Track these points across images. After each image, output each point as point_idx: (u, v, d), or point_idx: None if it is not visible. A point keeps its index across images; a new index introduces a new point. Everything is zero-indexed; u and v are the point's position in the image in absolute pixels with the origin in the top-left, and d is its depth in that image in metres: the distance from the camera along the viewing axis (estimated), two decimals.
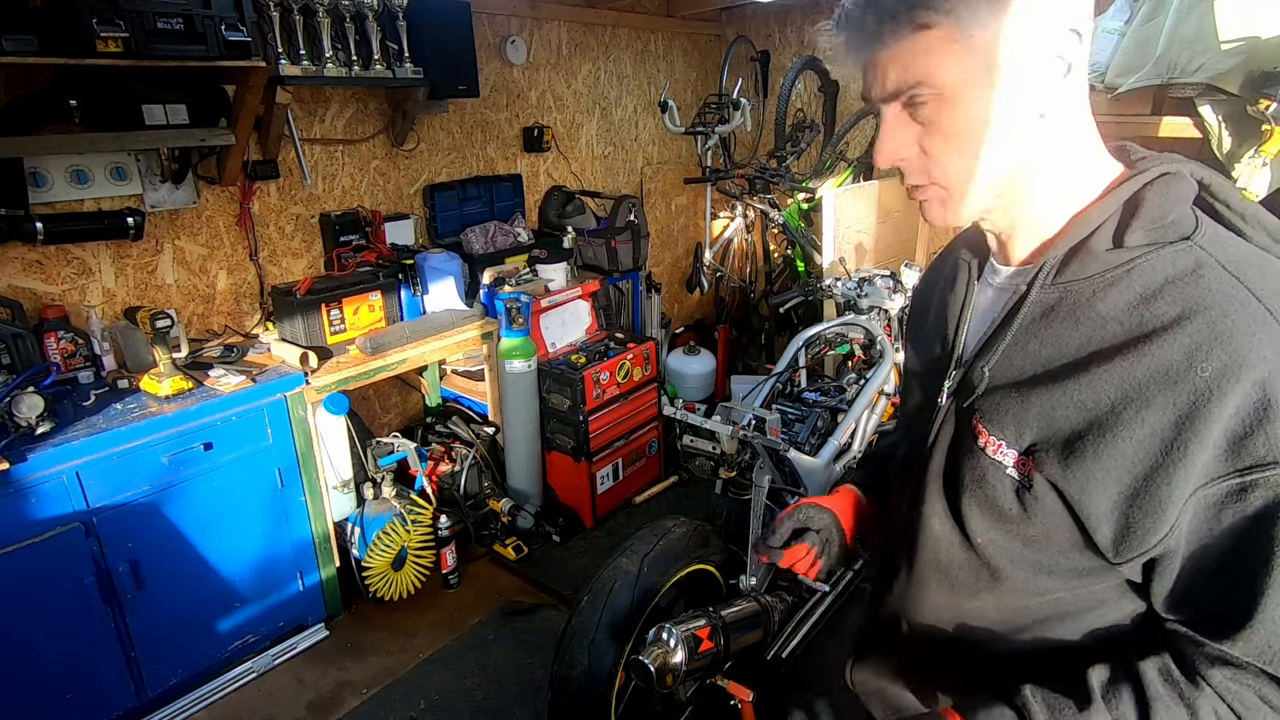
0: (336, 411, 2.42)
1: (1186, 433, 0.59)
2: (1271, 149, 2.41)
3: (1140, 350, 0.62)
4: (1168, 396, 0.60)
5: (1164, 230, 0.65)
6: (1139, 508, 0.62)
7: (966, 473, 0.75)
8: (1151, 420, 0.61)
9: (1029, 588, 0.74)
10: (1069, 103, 0.66)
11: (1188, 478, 0.60)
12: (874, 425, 2.51)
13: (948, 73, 0.64)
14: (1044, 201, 0.70)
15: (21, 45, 1.76)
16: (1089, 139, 0.69)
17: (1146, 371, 0.61)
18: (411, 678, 2.36)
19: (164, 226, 2.46)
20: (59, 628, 1.94)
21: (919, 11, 0.62)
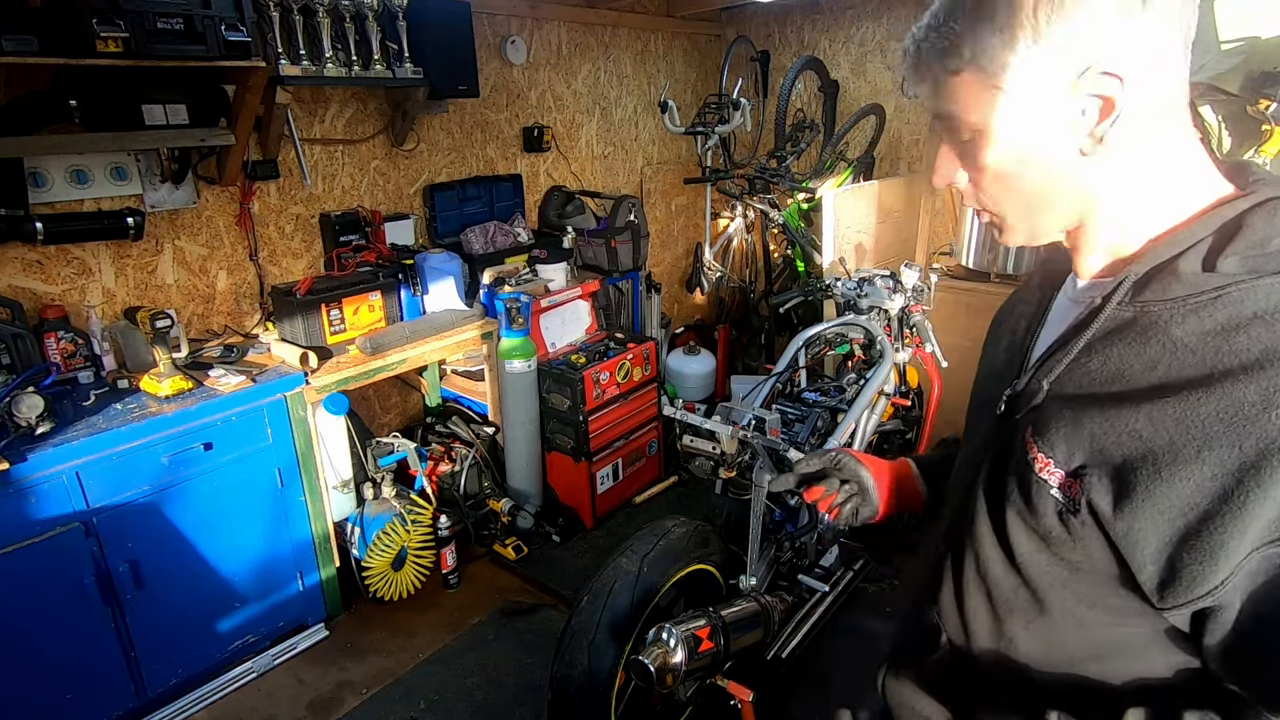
0: (336, 411, 2.42)
1: (1250, 482, 0.55)
2: (1271, 149, 2.41)
3: (1212, 385, 0.58)
4: (1234, 439, 0.56)
5: (1266, 259, 0.60)
6: (1189, 554, 0.59)
7: (1012, 487, 0.72)
8: (1213, 462, 0.57)
9: (1069, 618, 0.71)
10: (1125, 137, 0.63)
11: (1246, 531, 0.56)
12: (874, 425, 2.51)
13: (978, 114, 0.66)
14: (1115, 226, 0.68)
15: (21, 45, 1.76)
16: (1176, 161, 0.66)
17: (1215, 409, 0.58)
18: (411, 678, 2.36)
19: (164, 226, 2.46)
20: (59, 628, 1.94)
21: (948, 58, 0.65)
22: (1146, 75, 0.61)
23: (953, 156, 0.71)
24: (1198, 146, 0.66)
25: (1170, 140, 0.65)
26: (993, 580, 0.76)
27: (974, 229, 3.20)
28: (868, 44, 3.93)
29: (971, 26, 0.63)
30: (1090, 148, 0.64)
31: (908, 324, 2.69)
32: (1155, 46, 0.60)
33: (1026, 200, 0.69)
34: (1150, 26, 0.59)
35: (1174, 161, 0.66)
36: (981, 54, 0.63)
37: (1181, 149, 0.66)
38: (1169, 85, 0.62)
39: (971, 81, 0.65)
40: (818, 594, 2.48)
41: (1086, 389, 0.67)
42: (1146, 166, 0.65)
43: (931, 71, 0.67)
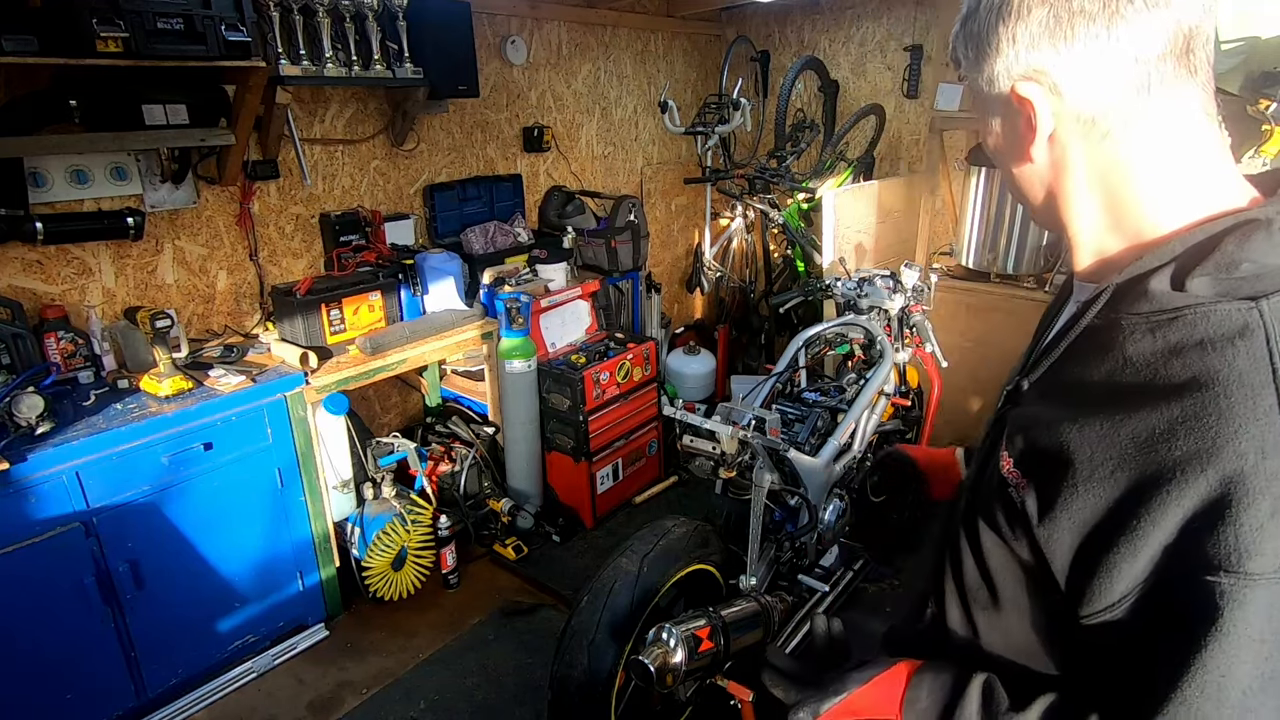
0: (336, 411, 2.42)
1: (1143, 509, 0.56)
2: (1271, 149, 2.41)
3: (1137, 407, 0.59)
4: (1140, 464, 0.57)
5: (1234, 284, 0.58)
6: (1091, 570, 0.60)
7: (984, 484, 0.74)
8: (1120, 483, 0.58)
9: (1020, 612, 0.72)
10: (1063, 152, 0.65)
11: (1139, 556, 0.57)
12: (874, 425, 2.51)
13: (977, 110, 0.73)
14: (1092, 229, 0.68)
15: (21, 45, 1.76)
16: (1165, 171, 0.64)
17: (1132, 431, 0.58)
18: (411, 678, 2.36)
19: (164, 226, 2.46)
20: (59, 628, 1.94)
21: (960, 67, 0.72)
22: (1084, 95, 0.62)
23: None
24: (1207, 156, 0.64)
25: (1156, 150, 0.63)
26: (964, 569, 0.79)
27: (974, 229, 3.20)
28: (868, 44, 3.93)
29: (961, 32, 0.70)
30: (1018, 161, 0.69)
31: (908, 324, 2.69)
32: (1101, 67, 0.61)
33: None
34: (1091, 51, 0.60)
35: (1164, 171, 0.64)
36: (967, 64, 0.70)
37: (1179, 158, 0.63)
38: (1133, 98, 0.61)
39: (970, 84, 0.72)
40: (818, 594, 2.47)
41: (1051, 394, 0.69)
42: (1095, 178, 0.66)
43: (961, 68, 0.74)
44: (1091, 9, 0.59)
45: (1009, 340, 3.14)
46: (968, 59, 0.70)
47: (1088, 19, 0.60)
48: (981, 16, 0.66)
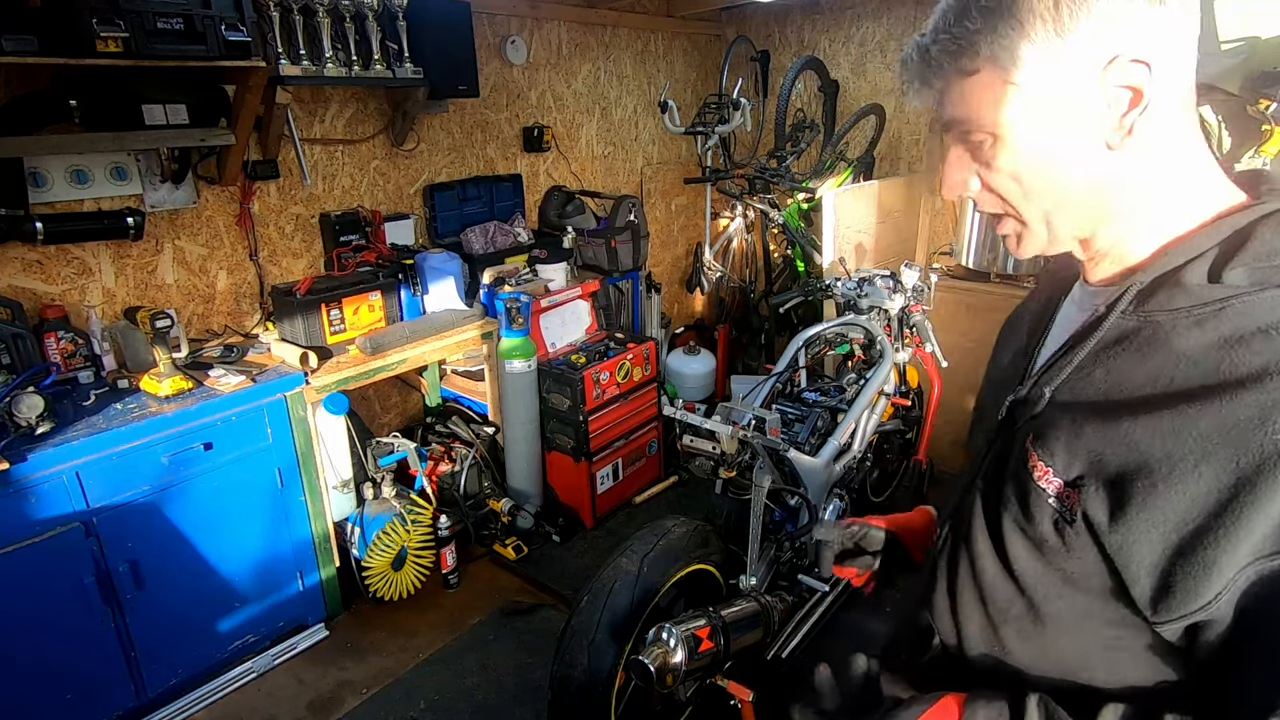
0: (336, 411, 2.42)
1: (1246, 496, 0.55)
2: (1271, 149, 2.41)
3: (1211, 398, 0.57)
4: (1231, 454, 0.56)
5: (1273, 271, 0.59)
6: (1182, 569, 0.58)
7: (1010, 494, 0.72)
8: (1209, 476, 0.56)
9: (1063, 627, 0.70)
10: (1149, 131, 0.62)
11: (1240, 546, 0.55)
12: (874, 425, 2.51)
13: (998, 115, 0.64)
14: (1128, 229, 0.67)
15: (21, 45, 1.76)
16: (1186, 165, 0.65)
17: (1213, 423, 0.57)
18: (411, 678, 2.36)
19: (164, 226, 2.46)
20: (59, 628, 1.94)
21: (964, 59, 0.63)
22: (1169, 67, 0.60)
23: (966, 163, 0.70)
24: (1207, 152, 0.65)
25: (1184, 142, 0.64)
26: (988, 586, 0.76)
27: (974, 229, 3.20)
28: (868, 44, 3.93)
29: (989, 24, 0.61)
30: (1118, 140, 0.62)
31: (908, 324, 2.69)
32: (1176, 38, 0.60)
33: (1046, 202, 0.67)
34: (1171, 17, 0.59)
35: (1186, 165, 0.65)
36: (1001, 51, 0.61)
37: (1193, 153, 0.65)
38: (1186, 81, 0.62)
39: (989, 81, 0.63)
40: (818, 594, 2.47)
41: (1088, 398, 0.66)
42: (1161, 168, 0.64)
43: (943, 75, 0.65)
44: None
45: None
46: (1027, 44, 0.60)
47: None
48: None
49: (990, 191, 0.69)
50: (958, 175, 0.70)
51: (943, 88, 0.66)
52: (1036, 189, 0.66)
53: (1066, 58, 0.60)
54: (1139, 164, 0.63)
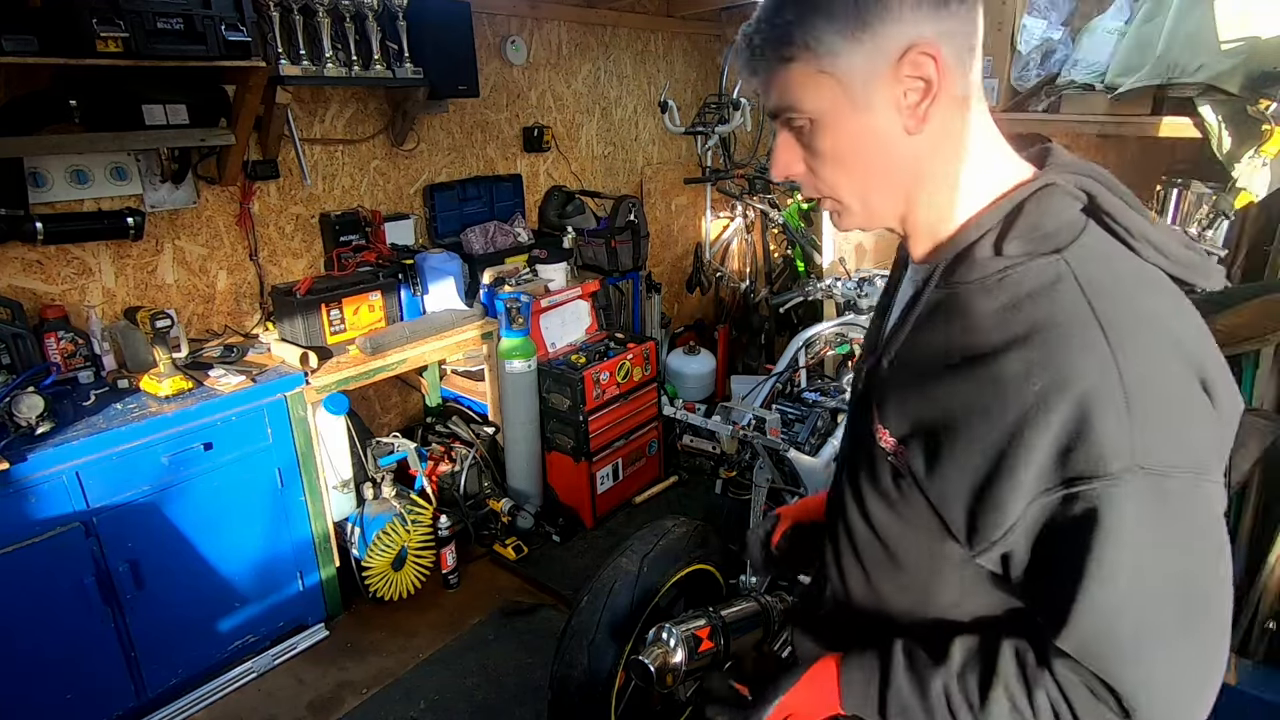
0: (336, 411, 2.42)
1: (1017, 442, 0.63)
2: (1271, 149, 2.41)
3: (991, 360, 0.66)
4: (1004, 407, 0.64)
5: (1040, 241, 0.67)
6: (982, 508, 0.66)
7: (862, 456, 0.81)
8: (993, 427, 0.64)
9: (921, 570, 0.78)
10: (942, 118, 0.69)
11: (1021, 484, 0.63)
12: None
13: (814, 100, 0.70)
14: (935, 207, 0.74)
15: (21, 45, 1.76)
16: (979, 147, 0.72)
17: (992, 381, 0.65)
18: (411, 678, 2.36)
19: (164, 226, 2.46)
20: (59, 628, 1.94)
21: (782, 47, 0.69)
22: (956, 60, 0.68)
23: (791, 146, 0.75)
24: (998, 135, 0.74)
25: (975, 126, 0.72)
26: (859, 540, 0.84)
27: None
28: None
29: (801, 16, 0.68)
30: (915, 126, 0.69)
31: None
32: (960, 35, 0.68)
33: (862, 182, 0.73)
34: (955, 15, 0.67)
35: (979, 147, 0.72)
36: (813, 41, 0.67)
37: (984, 136, 0.73)
38: (974, 74, 0.70)
39: (805, 69, 0.69)
40: None
41: (913, 364, 0.75)
42: (956, 151, 0.72)
43: (766, 63, 0.71)
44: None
45: None
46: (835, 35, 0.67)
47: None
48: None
49: (813, 173, 0.75)
50: (784, 157, 0.76)
51: (766, 76, 0.72)
52: (850, 170, 0.73)
53: (869, 48, 0.67)
54: (936, 147, 0.71)
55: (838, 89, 0.68)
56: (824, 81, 0.69)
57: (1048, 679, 0.66)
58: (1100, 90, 2.74)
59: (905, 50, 0.66)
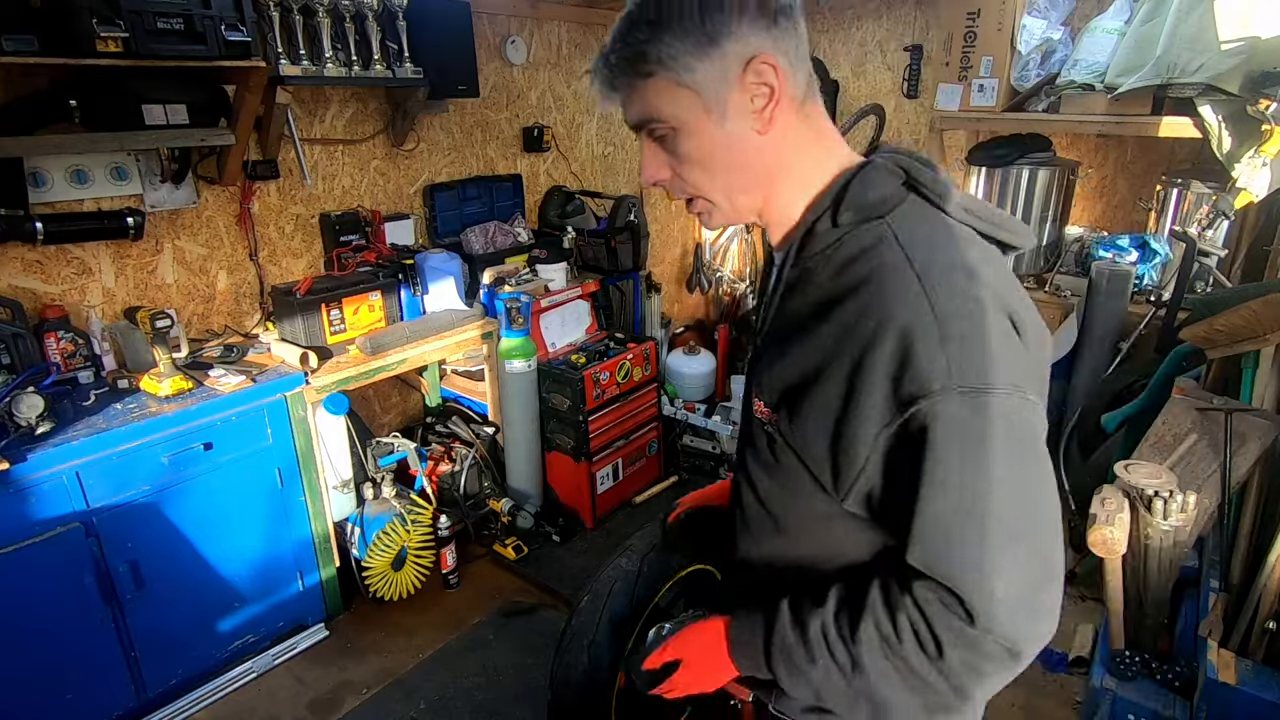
0: (336, 411, 2.42)
1: (858, 379, 0.70)
2: (1271, 149, 2.41)
3: (831, 311, 0.74)
4: (847, 349, 0.71)
5: (867, 209, 0.77)
6: (839, 450, 0.74)
7: (745, 430, 0.90)
8: (839, 372, 0.72)
9: (802, 531, 0.84)
10: (786, 119, 0.79)
11: (868, 419, 0.70)
12: None
13: (673, 110, 0.77)
14: (786, 198, 0.83)
15: (21, 45, 1.76)
16: (816, 141, 0.82)
17: (835, 328, 0.73)
18: (411, 678, 2.36)
19: (164, 226, 2.46)
20: (59, 628, 1.94)
21: (640, 64, 0.77)
22: (791, 68, 0.77)
23: (657, 154, 0.83)
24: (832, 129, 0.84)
25: (812, 124, 0.82)
26: (749, 512, 0.91)
27: None
28: (868, 44, 3.93)
29: (654, 34, 0.75)
30: (764, 128, 0.78)
31: None
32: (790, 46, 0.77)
33: (725, 182, 0.81)
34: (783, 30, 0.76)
35: (816, 142, 0.82)
36: (668, 56, 0.75)
37: (820, 131, 0.83)
38: (804, 78, 0.79)
39: (663, 83, 0.76)
40: None
41: (777, 336, 0.83)
42: (798, 146, 0.81)
43: (625, 80, 0.78)
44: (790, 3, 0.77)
45: None
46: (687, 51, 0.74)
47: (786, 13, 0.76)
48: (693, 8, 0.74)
49: (679, 177, 0.83)
50: (652, 166, 0.84)
51: (626, 92, 0.79)
52: (713, 171, 0.81)
53: (718, 62, 0.75)
54: (783, 145, 0.80)
55: (695, 99, 0.76)
56: (681, 93, 0.76)
57: (907, 601, 0.70)
58: (1100, 90, 2.74)
59: (748, 61, 0.75)
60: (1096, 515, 1.55)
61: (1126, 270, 2.81)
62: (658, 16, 0.75)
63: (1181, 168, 3.05)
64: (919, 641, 0.69)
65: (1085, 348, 2.93)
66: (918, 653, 0.69)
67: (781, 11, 0.76)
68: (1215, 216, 2.59)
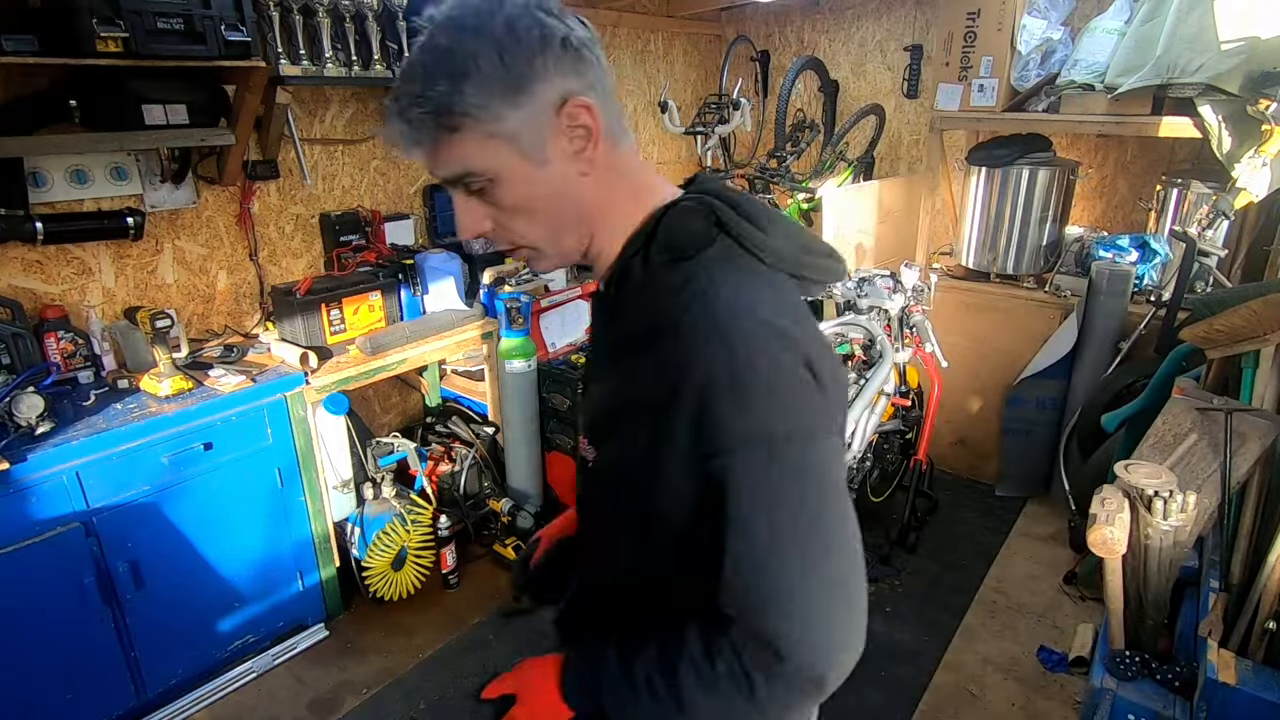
0: (336, 411, 2.42)
1: (663, 429, 0.71)
2: (1271, 149, 2.41)
3: (641, 355, 0.74)
4: (654, 397, 0.72)
5: (677, 250, 0.76)
6: (647, 497, 0.75)
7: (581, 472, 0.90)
8: (646, 419, 0.73)
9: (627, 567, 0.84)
10: (604, 158, 0.77)
11: (672, 468, 0.72)
12: (874, 425, 2.52)
13: (489, 162, 0.74)
14: (608, 236, 0.82)
15: (21, 45, 1.76)
16: (634, 178, 0.82)
17: (644, 375, 0.74)
18: (411, 678, 2.36)
19: (164, 226, 2.46)
20: (59, 628, 1.94)
21: (444, 118, 0.71)
22: (603, 107, 0.75)
23: (475, 207, 0.78)
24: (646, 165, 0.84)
25: (628, 161, 0.81)
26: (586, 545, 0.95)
27: (974, 229, 3.20)
28: (868, 44, 3.93)
29: (455, 86, 0.70)
30: (587, 169, 0.77)
31: (908, 324, 2.69)
32: (599, 84, 0.75)
33: (550, 228, 0.79)
34: (592, 69, 0.74)
35: (634, 178, 0.82)
36: (474, 109, 0.71)
37: (636, 168, 0.82)
38: (615, 115, 0.78)
39: (473, 137, 0.72)
40: None
41: (596, 374, 0.85)
42: (618, 184, 0.80)
43: (429, 134, 0.73)
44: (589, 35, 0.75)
45: (1009, 340, 3.14)
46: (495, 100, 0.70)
47: (589, 46, 0.74)
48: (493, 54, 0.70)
49: (502, 227, 0.80)
50: (470, 220, 0.79)
51: (432, 147, 0.74)
52: (539, 218, 0.78)
53: (529, 108, 0.72)
54: (605, 184, 0.79)
55: (510, 149, 0.73)
56: (496, 144, 0.73)
57: (724, 644, 0.71)
58: (1100, 90, 2.74)
59: (562, 104, 0.73)
60: (1096, 515, 1.55)
61: (1126, 270, 2.81)
62: (456, 68, 0.70)
63: (1181, 168, 3.05)
64: (735, 682, 0.70)
65: (1085, 348, 2.93)
66: (734, 692, 0.71)
67: (584, 45, 0.74)
68: (1215, 216, 2.59)
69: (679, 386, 0.69)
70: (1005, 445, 3.20)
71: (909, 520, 2.92)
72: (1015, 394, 3.08)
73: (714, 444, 0.69)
